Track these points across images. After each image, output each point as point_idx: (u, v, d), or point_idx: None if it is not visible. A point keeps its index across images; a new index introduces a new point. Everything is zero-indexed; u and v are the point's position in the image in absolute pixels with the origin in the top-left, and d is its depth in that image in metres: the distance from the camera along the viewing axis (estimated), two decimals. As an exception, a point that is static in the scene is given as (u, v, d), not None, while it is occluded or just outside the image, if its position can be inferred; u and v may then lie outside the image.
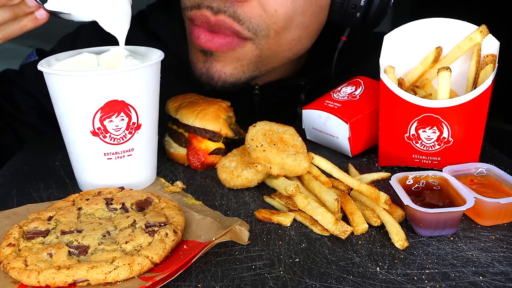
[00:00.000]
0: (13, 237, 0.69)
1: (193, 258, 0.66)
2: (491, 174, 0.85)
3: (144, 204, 0.78)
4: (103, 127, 0.82)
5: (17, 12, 0.85)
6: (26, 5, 0.85)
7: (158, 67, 0.87)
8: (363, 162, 1.01)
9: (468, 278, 0.65)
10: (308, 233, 0.76)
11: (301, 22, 1.07)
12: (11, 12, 0.84)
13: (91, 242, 0.68)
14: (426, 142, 0.90)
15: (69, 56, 0.90)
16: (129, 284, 0.63)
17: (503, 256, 0.70)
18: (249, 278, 0.66)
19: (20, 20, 0.86)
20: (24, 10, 0.86)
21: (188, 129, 0.98)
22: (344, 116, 0.99)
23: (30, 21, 0.87)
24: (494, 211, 0.76)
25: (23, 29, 0.87)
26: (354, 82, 1.08)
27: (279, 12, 1.03)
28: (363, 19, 1.12)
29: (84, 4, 0.84)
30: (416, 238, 0.74)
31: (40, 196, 0.88)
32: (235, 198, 0.87)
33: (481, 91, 0.85)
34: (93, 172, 0.86)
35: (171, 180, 0.94)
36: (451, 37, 0.95)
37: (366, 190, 0.80)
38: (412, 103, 0.88)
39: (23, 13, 0.86)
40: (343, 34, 1.18)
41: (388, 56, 0.96)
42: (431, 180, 0.82)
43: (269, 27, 1.04)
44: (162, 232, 0.69)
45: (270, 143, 0.85)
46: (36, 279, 0.62)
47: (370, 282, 0.65)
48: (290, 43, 1.10)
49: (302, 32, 1.09)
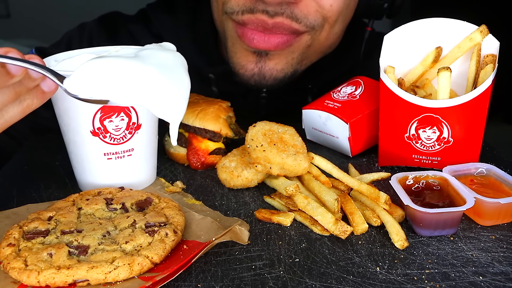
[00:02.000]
0: (13, 237, 0.69)
1: (193, 258, 0.66)
2: (491, 174, 0.85)
3: (144, 204, 0.78)
4: (103, 127, 0.82)
5: (18, 91, 0.67)
6: (29, 79, 0.67)
7: (158, 67, 0.86)
8: (363, 162, 1.01)
9: (468, 278, 0.65)
10: (308, 233, 0.76)
11: (345, 15, 1.10)
12: (10, 93, 0.66)
13: (91, 242, 0.68)
14: (426, 142, 0.90)
15: (69, 57, 0.90)
16: (129, 284, 0.63)
17: (503, 256, 0.70)
18: (249, 278, 0.66)
19: (22, 101, 0.68)
20: (27, 85, 0.67)
21: (188, 129, 0.98)
22: (344, 116, 0.99)
23: (35, 98, 0.69)
24: (494, 211, 0.76)
25: (26, 111, 0.69)
26: (354, 82, 1.08)
27: (334, 7, 1.06)
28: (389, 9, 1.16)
29: (126, 88, 0.66)
30: (416, 238, 0.74)
31: (40, 196, 0.88)
32: (235, 198, 0.87)
33: (481, 91, 0.85)
34: (93, 172, 0.86)
35: (171, 180, 0.94)
36: (451, 37, 0.95)
37: (366, 190, 0.80)
38: (412, 103, 0.88)
39: (26, 90, 0.68)
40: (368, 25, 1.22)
41: (388, 56, 0.96)
42: (431, 180, 0.82)
43: (324, 20, 1.07)
44: (162, 232, 0.69)
45: (270, 143, 0.85)
46: (36, 279, 0.62)
47: (370, 282, 0.65)
48: (333, 36, 1.13)
49: (343, 26, 1.13)
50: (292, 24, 1.04)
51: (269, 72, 1.11)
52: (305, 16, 1.04)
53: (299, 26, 1.04)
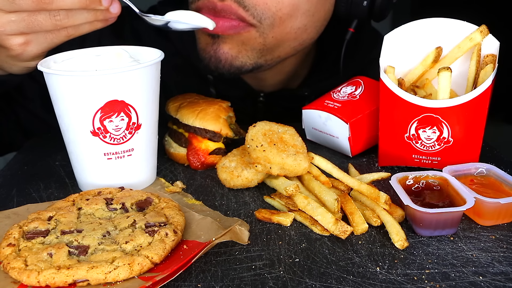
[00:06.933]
0: (13, 237, 0.69)
1: (193, 258, 0.66)
2: (491, 174, 0.85)
3: (144, 204, 0.78)
4: (103, 127, 0.82)
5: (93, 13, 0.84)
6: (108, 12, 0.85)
7: (158, 67, 0.87)
8: (363, 162, 1.01)
9: (468, 278, 0.65)
10: (308, 233, 0.76)
11: (306, 9, 1.07)
12: (88, 13, 0.84)
13: (91, 242, 0.68)
14: (426, 142, 0.90)
15: (68, 57, 0.90)
16: (129, 284, 0.63)
17: (503, 256, 0.70)
18: (249, 278, 0.66)
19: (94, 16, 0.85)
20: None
21: (188, 129, 0.98)
22: (344, 116, 0.99)
23: (101, 22, 0.87)
24: (494, 211, 0.76)
25: (92, 29, 0.87)
26: (354, 82, 1.08)
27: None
28: (370, 9, 1.12)
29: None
30: (416, 238, 0.74)
31: (40, 196, 0.88)
32: (235, 198, 0.87)
33: (481, 91, 0.85)
34: (93, 172, 0.86)
35: (171, 180, 0.94)
36: (451, 37, 0.95)
37: (366, 190, 0.80)
38: (412, 103, 0.88)
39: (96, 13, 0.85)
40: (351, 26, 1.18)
41: (388, 56, 0.96)
42: (431, 180, 0.82)
43: (274, 14, 1.04)
44: (162, 232, 0.69)
45: (270, 143, 0.85)
46: (36, 279, 0.62)
47: (370, 282, 0.65)
48: (296, 31, 1.09)
49: (308, 21, 1.09)
50: (239, 11, 1.03)
51: (224, 56, 1.09)
52: (253, 6, 1.02)
53: (246, 14, 1.03)
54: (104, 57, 0.86)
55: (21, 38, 0.83)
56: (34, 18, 0.81)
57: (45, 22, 0.82)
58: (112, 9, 0.85)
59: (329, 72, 1.27)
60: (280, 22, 1.06)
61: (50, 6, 0.80)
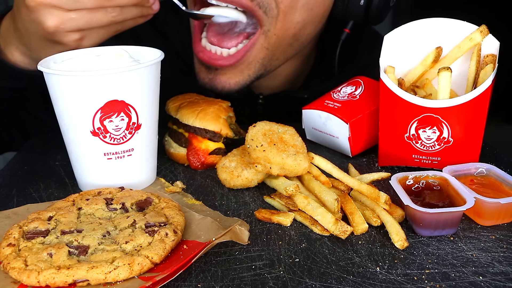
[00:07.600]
0: (13, 237, 0.69)
1: (193, 258, 0.66)
2: (491, 174, 0.85)
3: (144, 204, 0.78)
4: (103, 127, 0.82)
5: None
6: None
7: (158, 67, 0.87)
8: (363, 162, 1.01)
9: (468, 278, 0.65)
10: (308, 233, 0.76)
11: (306, 2, 1.07)
12: (137, 10, 0.90)
13: (91, 242, 0.68)
14: (426, 142, 0.90)
15: (68, 58, 0.89)
16: (129, 284, 0.63)
17: (503, 256, 0.70)
18: (249, 278, 0.66)
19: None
20: None
21: (188, 129, 0.98)
22: (344, 116, 0.99)
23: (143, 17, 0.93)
24: (494, 211, 0.76)
25: (134, 24, 0.93)
26: (354, 82, 1.08)
27: None
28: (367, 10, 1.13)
29: None
30: (416, 238, 0.74)
31: (40, 196, 0.88)
32: (235, 198, 0.87)
33: (481, 91, 0.85)
34: (93, 172, 0.86)
35: (171, 180, 0.94)
36: (451, 37, 0.95)
37: (366, 190, 0.80)
38: (412, 103, 0.88)
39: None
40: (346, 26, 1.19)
41: (388, 56, 0.96)
42: (431, 180, 0.82)
43: (278, 6, 1.05)
44: (162, 232, 0.69)
45: (270, 143, 0.85)
46: (36, 279, 0.62)
47: (370, 282, 0.65)
48: (295, 26, 1.10)
49: (306, 15, 1.10)
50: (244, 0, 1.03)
51: (221, 85, 1.11)
52: None
53: (252, 4, 1.03)
54: (104, 57, 0.86)
55: (77, 34, 0.88)
56: (93, 15, 0.86)
57: (103, 19, 0.87)
58: (154, 6, 0.91)
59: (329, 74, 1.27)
60: (282, 16, 1.06)
61: (109, 3, 0.85)
